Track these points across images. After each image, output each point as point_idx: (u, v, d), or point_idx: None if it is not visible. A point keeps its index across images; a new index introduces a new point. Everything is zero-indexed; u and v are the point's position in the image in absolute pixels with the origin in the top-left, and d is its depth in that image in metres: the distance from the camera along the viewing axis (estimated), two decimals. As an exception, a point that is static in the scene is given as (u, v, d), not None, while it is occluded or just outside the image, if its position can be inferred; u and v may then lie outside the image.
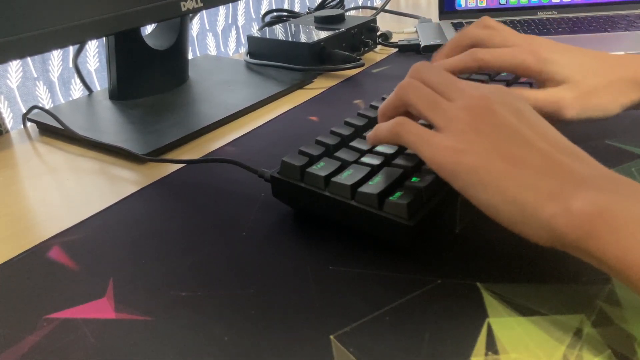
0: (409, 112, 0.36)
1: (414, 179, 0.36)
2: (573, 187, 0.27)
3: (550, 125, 0.32)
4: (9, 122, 0.88)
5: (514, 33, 0.45)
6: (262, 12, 1.20)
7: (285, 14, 0.94)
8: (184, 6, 0.59)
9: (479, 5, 0.87)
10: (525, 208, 0.28)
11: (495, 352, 0.28)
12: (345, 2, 0.96)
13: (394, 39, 0.86)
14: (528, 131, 0.30)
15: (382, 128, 0.35)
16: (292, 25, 0.80)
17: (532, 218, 0.27)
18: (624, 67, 0.43)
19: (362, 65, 0.70)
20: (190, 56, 0.76)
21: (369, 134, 0.36)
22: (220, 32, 1.21)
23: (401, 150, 0.39)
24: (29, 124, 0.61)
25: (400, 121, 0.33)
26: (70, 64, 0.93)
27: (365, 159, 0.38)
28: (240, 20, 1.26)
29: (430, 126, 0.33)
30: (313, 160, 0.39)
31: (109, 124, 0.57)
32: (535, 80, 0.44)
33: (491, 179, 0.29)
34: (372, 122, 0.44)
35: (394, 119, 0.34)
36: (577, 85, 0.42)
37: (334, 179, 0.36)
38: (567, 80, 0.42)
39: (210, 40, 1.20)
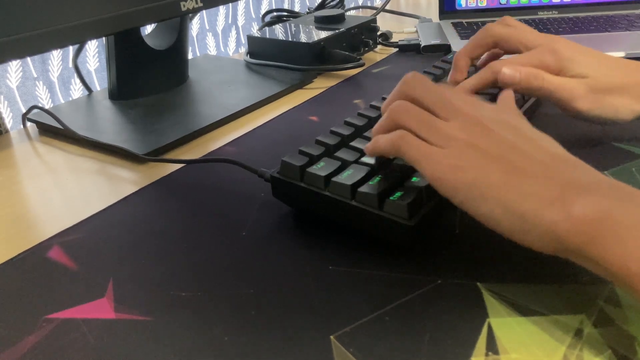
0: None
1: (414, 178, 0.36)
2: (574, 193, 0.27)
3: (548, 136, 0.32)
4: (8, 122, 0.88)
5: (535, 32, 0.45)
6: (262, 12, 1.20)
7: (285, 13, 0.94)
8: (184, 6, 0.59)
9: (479, 5, 0.87)
10: (526, 217, 0.28)
11: (496, 352, 0.28)
12: (345, 2, 0.96)
13: (394, 38, 0.86)
14: (526, 145, 0.30)
15: (382, 140, 0.34)
16: (292, 25, 0.80)
17: (534, 226, 0.27)
18: None
19: (362, 65, 0.70)
20: (190, 56, 0.76)
21: (368, 145, 0.36)
22: (220, 32, 1.21)
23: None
24: (28, 124, 0.61)
25: (402, 134, 0.33)
26: (70, 64, 0.93)
27: (365, 159, 0.38)
28: (240, 20, 1.26)
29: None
30: (313, 160, 0.39)
31: (109, 124, 0.57)
32: None
33: (491, 191, 0.29)
34: (372, 122, 0.44)
35: (395, 132, 0.33)
36: (594, 81, 0.42)
37: (334, 179, 0.36)
38: (584, 76, 0.43)
39: (210, 40, 1.20)
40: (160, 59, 0.64)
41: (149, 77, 0.64)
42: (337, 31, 0.74)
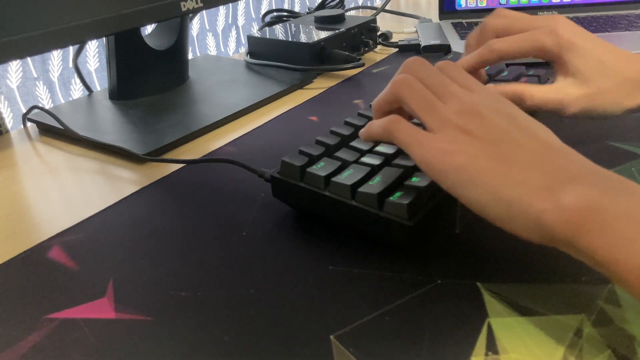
0: (402, 108, 0.36)
1: (414, 179, 0.36)
2: (563, 183, 0.27)
3: (544, 126, 0.32)
4: (9, 122, 0.88)
5: (533, 17, 0.45)
6: (262, 12, 1.20)
7: (285, 14, 0.94)
8: (184, 6, 0.59)
9: (479, 5, 0.87)
10: (513, 204, 0.28)
11: (495, 352, 0.28)
12: (345, 2, 0.96)
13: (394, 39, 0.86)
14: (518, 133, 0.30)
15: (375, 125, 0.34)
16: (292, 25, 0.80)
17: (521, 214, 0.27)
18: (635, 66, 0.43)
19: (362, 65, 0.70)
20: (190, 56, 0.76)
21: (362, 130, 0.36)
22: (220, 32, 1.21)
23: (401, 150, 0.39)
24: (29, 124, 0.61)
25: (394, 119, 0.33)
26: (70, 64, 0.93)
27: (365, 159, 0.38)
28: (240, 20, 1.26)
29: (421, 125, 0.33)
30: (313, 160, 0.39)
31: (109, 124, 0.57)
32: (552, 62, 0.44)
33: (480, 176, 0.29)
34: (372, 122, 0.44)
35: (388, 116, 0.34)
36: (586, 84, 0.42)
37: (334, 179, 0.36)
38: (578, 74, 0.42)
39: (210, 40, 1.19)
40: (160, 59, 0.64)
41: (149, 77, 0.64)
42: (337, 31, 0.74)
